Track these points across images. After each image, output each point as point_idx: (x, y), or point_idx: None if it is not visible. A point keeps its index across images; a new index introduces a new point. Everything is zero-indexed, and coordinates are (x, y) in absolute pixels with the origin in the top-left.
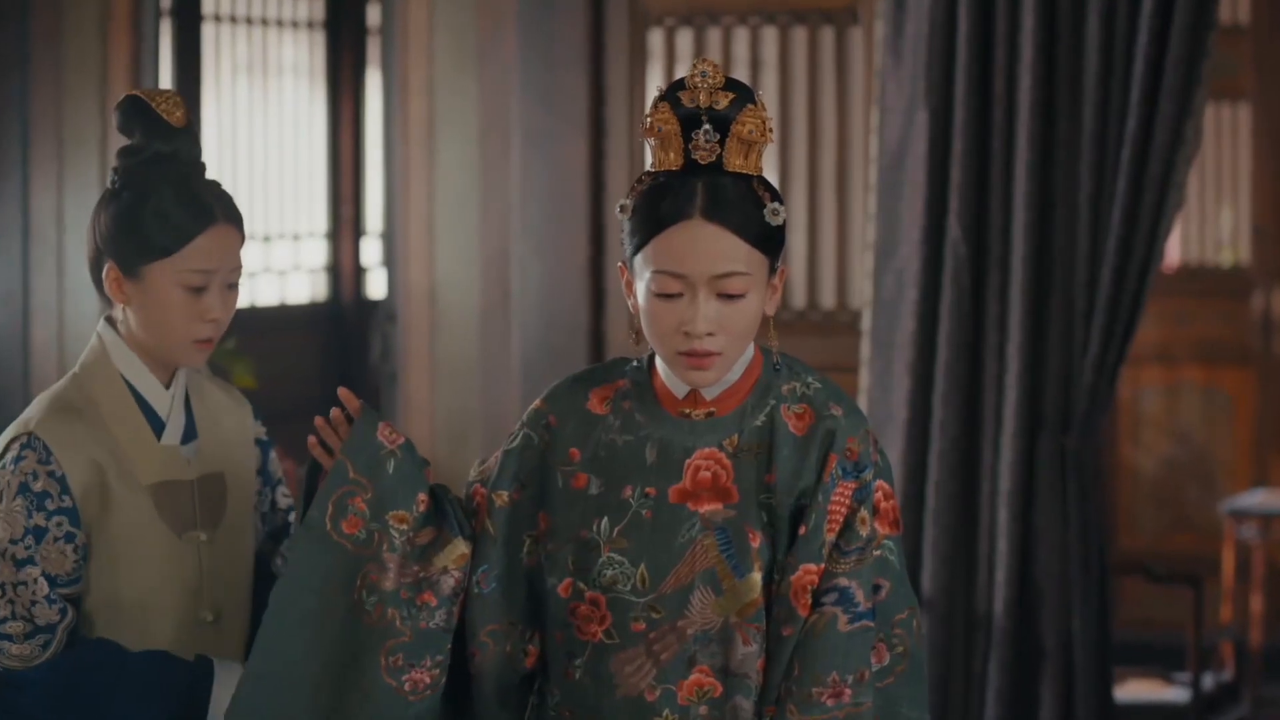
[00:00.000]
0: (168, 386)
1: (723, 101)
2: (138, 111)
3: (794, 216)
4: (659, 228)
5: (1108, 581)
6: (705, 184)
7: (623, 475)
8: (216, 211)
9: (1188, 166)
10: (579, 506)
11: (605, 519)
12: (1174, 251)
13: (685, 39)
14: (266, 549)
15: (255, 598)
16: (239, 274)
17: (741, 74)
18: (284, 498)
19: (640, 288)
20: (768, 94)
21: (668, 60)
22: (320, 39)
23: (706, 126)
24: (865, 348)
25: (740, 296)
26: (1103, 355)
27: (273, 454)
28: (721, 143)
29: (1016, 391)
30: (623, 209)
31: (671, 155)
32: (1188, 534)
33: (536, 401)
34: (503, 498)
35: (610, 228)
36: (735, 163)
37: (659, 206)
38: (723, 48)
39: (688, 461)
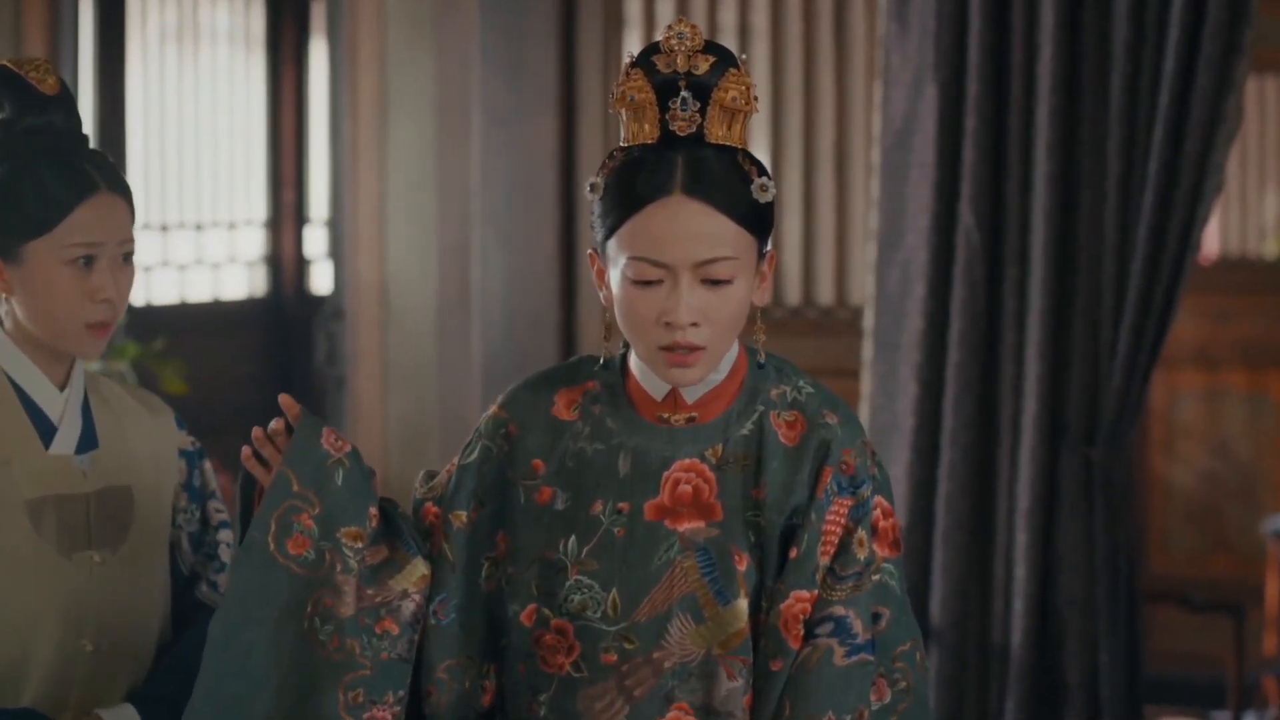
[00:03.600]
0: (62, 389)
1: (702, 66)
2: (5, 82)
3: (789, 203)
4: (635, 207)
5: (1138, 610)
6: (685, 158)
7: (593, 489)
8: (98, 180)
9: (1228, 146)
10: (543, 524)
11: (573, 538)
12: (1212, 241)
13: (666, 4)
14: (198, 568)
15: (174, 623)
16: (130, 247)
17: (729, 43)
18: (217, 513)
19: (614, 276)
20: (759, 66)
21: (646, 28)
22: (258, 3)
23: (685, 94)
24: (867, 349)
25: (727, 283)
26: (1133, 357)
27: (204, 465)
28: (702, 112)
29: (1036, 398)
30: (593, 188)
31: (646, 127)
32: (1228, 557)
33: (493, 408)
34: (460, 518)
35: (582, 215)
36: (717, 134)
37: (634, 184)
38: (708, 13)
39: (666, 474)
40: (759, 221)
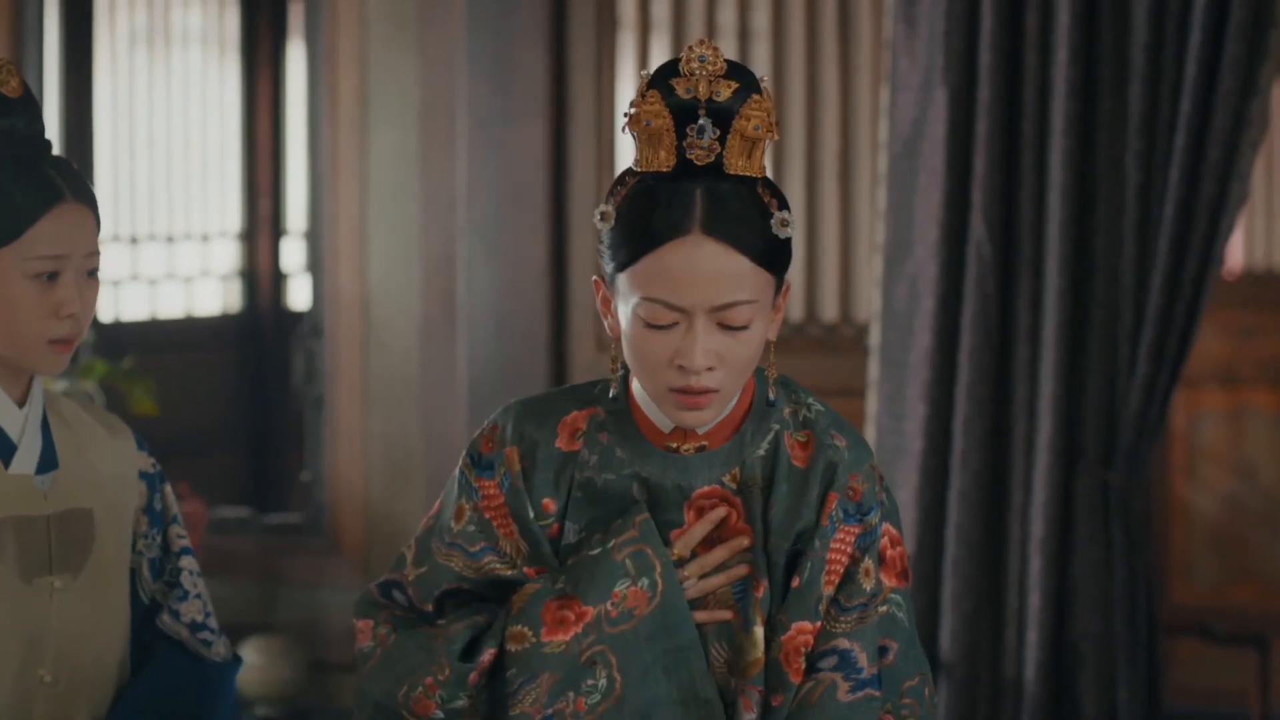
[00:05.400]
0: (21, 405)
1: (724, 92)
2: None
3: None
4: (650, 245)
5: (1158, 642)
6: (704, 191)
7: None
8: (64, 189)
9: (1253, 153)
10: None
11: None
12: (1236, 254)
13: (661, 5)
14: (159, 597)
15: (134, 654)
16: (96, 261)
17: (728, 46)
18: (179, 539)
19: (624, 311)
20: (759, 69)
21: (641, 30)
22: (232, 4)
23: (705, 122)
24: (873, 368)
25: (744, 328)
26: (1153, 377)
27: (165, 489)
28: (721, 140)
29: (1051, 419)
30: (603, 216)
31: (662, 154)
32: (1252, 586)
33: (508, 449)
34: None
35: (574, 225)
36: (737, 164)
37: (650, 218)
38: (706, 15)
39: (687, 504)
40: (778, 258)
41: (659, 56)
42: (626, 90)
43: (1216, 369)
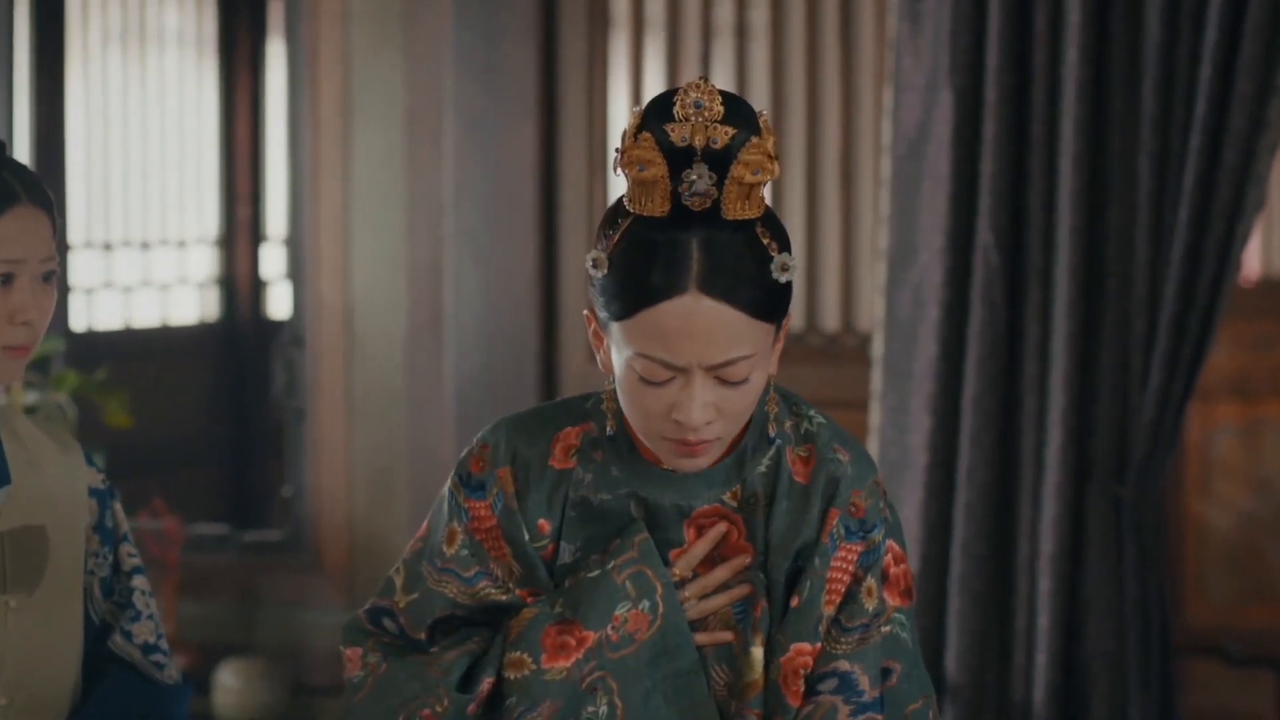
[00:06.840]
0: None
1: (721, 139)
2: None
3: (790, 219)
4: (645, 302)
5: (1172, 663)
6: (700, 242)
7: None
8: (20, 192)
9: (1270, 157)
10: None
11: None
12: (1253, 261)
13: (655, 2)
14: (109, 618)
15: (86, 676)
16: (52, 266)
17: (725, 44)
18: (130, 557)
19: (617, 359)
20: (757, 68)
21: (634, 28)
22: (210, 2)
23: (700, 173)
24: (876, 379)
25: (743, 381)
26: (1166, 388)
27: (116, 506)
28: (719, 184)
29: (1061, 432)
30: (595, 264)
31: (656, 200)
32: (1269, 606)
33: (500, 470)
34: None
35: (565, 231)
36: (735, 209)
37: (645, 274)
38: (702, 13)
39: (687, 522)
40: (778, 306)
41: (653, 56)
42: (619, 91)
43: (1232, 380)
